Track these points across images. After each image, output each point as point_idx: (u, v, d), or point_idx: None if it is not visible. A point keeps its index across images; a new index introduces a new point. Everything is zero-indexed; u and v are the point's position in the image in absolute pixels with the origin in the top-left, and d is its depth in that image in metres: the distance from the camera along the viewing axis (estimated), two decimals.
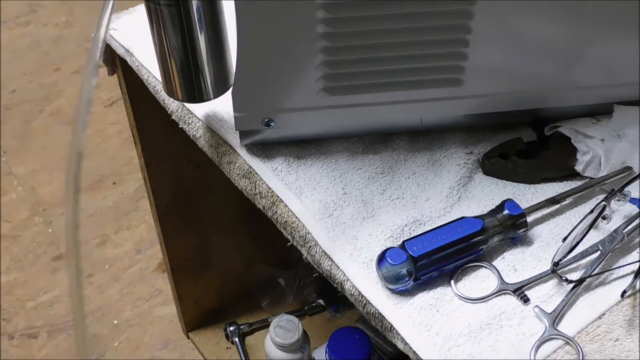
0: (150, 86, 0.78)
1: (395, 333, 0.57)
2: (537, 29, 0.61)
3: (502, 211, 0.61)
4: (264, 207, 0.67)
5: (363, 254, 0.61)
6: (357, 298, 0.60)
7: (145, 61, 0.78)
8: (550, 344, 0.56)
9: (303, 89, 0.63)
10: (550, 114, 0.70)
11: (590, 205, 0.63)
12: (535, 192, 0.67)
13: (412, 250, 0.58)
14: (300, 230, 0.64)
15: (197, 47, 0.60)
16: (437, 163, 0.69)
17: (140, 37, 0.79)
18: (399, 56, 0.61)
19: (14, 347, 1.34)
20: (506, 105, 0.67)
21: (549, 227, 0.64)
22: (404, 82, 0.63)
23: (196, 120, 0.73)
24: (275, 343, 1.08)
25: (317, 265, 0.63)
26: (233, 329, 1.27)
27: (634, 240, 0.62)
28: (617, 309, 0.58)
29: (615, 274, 0.60)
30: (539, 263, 0.61)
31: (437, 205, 0.65)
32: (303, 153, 0.69)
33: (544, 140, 0.69)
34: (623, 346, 0.55)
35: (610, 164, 0.65)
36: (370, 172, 0.68)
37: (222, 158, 0.71)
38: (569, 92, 0.67)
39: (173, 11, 0.57)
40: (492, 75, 0.64)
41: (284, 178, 0.67)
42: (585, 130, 0.67)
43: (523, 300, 0.58)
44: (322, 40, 0.59)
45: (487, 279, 0.60)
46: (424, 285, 0.59)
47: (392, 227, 0.63)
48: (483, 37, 0.60)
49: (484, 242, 0.60)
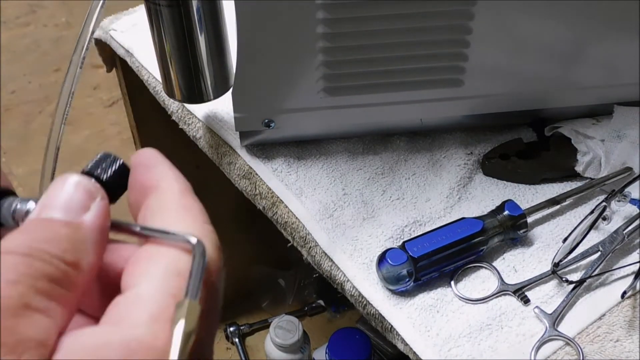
0: (150, 87, 0.77)
1: (396, 334, 0.57)
2: (537, 29, 0.61)
3: (503, 212, 0.61)
4: (264, 207, 0.67)
5: (363, 255, 0.61)
6: (357, 299, 0.60)
7: (145, 62, 0.78)
8: (551, 344, 0.56)
9: (303, 90, 0.63)
10: (550, 115, 0.70)
11: (591, 206, 0.63)
12: (536, 192, 0.67)
13: (413, 251, 0.58)
14: (301, 231, 0.64)
15: (197, 48, 0.60)
16: (437, 164, 0.69)
17: (140, 37, 0.79)
18: (399, 57, 0.61)
19: None
20: (506, 106, 0.67)
21: (549, 228, 0.64)
22: (404, 83, 0.63)
23: (196, 120, 0.73)
24: (276, 343, 1.08)
25: (317, 265, 0.63)
26: (233, 329, 1.27)
27: (634, 241, 0.62)
28: (617, 310, 0.58)
29: (615, 275, 0.60)
30: (539, 264, 0.61)
31: (438, 206, 0.65)
32: (303, 154, 0.69)
33: (544, 141, 0.69)
34: (623, 347, 0.55)
35: (610, 165, 0.65)
36: (370, 173, 0.68)
37: (222, 159, 0.70)
38: (569, 93, 0.67)
39: (173, 12, 0.57)
40: (492, 75, 0.64)
41: (284, 179, 0.67)
42: (586, 130, 0.67)
43: (523, 301, 0.58)
44: (322, 41, 0.59)
45: (487, 280, 0.60)
46: (424, 286, 0.59)
47: (392, 227, 0.63)
48: (483, 38, 0.60)
49: (484, 242, 0.60)
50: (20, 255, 0.25)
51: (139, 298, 0.25)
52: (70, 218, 0.27)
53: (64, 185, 0.28)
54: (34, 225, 0.27)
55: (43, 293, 0.24)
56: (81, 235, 0.27)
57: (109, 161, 0.30)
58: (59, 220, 0.27)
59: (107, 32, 0.82)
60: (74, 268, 0.26)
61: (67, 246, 0.26)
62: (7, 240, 0.26)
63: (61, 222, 0.27)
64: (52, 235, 0.26)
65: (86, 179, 0.29)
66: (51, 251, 0.25)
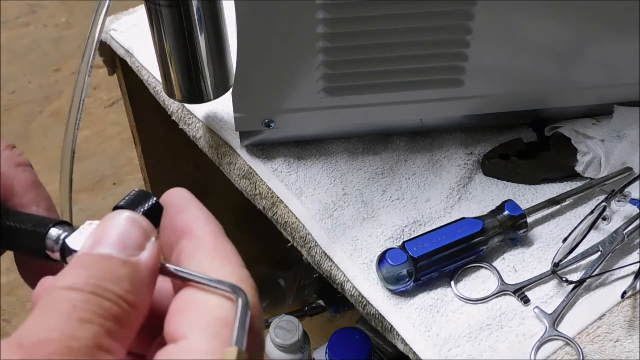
0: (150, 87, 0.77)
1: (396, 334, 0.57)
2: (537, 29, 0.61)
3: (502, 212, 0.61)
4: (264, 207, 0.67)
5: (363, 255, 0.61)
6: (357, 299, 0.60)
7: (145, 61, 0.78)
8: (551, 344, 0.56)
9: (303, 90, 0.63)
10: (550, 115, 0.69)
11: (591, 206, 0.63)
12: (536, 192, 0.66)
13: (412, 251, 0.58)
14: (301, 231, 0.64)
15: (197, 48, 0.60)
16: (437, 164, 0.69)
17: (140, 37, 0.79)
18: (399, 57, 0.61)
19: None
20: (506, 106, 0.67)
21: (549, 228, 0.64)
22: (404, 83, 0.63)
23: (196, 120, 0.73)
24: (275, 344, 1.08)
25: (317, 265, 0.63)
26: None
27: (634, 241, 0.62)
28: (617, 310, 0.58)
29: (615, 275, 0.60)
30: (539, 264, 0.61)
31: (437, 206, 0.65)
32: (303, 154, 0.69)
33: (544, 141, 0.69)
34: (623, 347, 0.55)
35: (610, 165, 0.65)
36: (370, 173, 0.68)
37: (222, 159, 0.70)
38: (569, 93, 0.67)
39: (173, 12, 0.57)
40: (492, 75, 0.64)
41: (284, 179, 0.67)
42: (586, 130, 0.67)
43: (523, 300, 0.58)
44: (322, 41, 0.59)
45: (487, 280, 0.60)
46: (424, 286, 0.59)
47: (392, 227, 0.63)
48: (483, 38, 0.60)
49: (484, 242, 0.60)
50: (87, 293, 0.25)
51: (191, 351, 0.25)
52: (127, 256, 0.27)
53: (118, 220, 0.28)
54: (93, 262, 0.26)
55: (111, 333, 0.25)
56: (139, 275, 0.27)
57: (143, 198, 0.31)
58: (117, 258, 0.27)
59: (107, 32, 0.82)
60: (133, 308, 0.26)
61: (128, 287, 0.26)
62: (65, 276, 0.26)
63: (120, 260, 0.27)
64: (113, 274, 0.26)
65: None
66: (117, 291, 0.25)
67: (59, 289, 0.25)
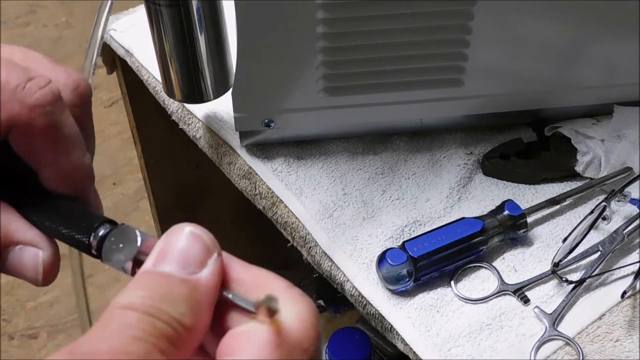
0: (150, 86, 0.78)
1: (396, 334, 0.57)
2: (537, 29, 0.61)
3: (502, 212, 0.61)
4: (264, 207, 0.67)
5: (363, 255, 0.61)
6: (357, 299, 0.60)
7: (145, 61, 0.78)
8: (551, 344, 0.56)
9: (303, 90, 0.63)
10: (550, 115, 0.70)
11: (591, 206, 0.63)
12: (536, 192, 0.67)
13: (412, 250, 0.58)
14: (300, 231, 0.64)
15: (197, 48, 0.60)
16: (437, 164, 0.69)
17: (140, 37, 0.79)
18: (399, 56, 0.61)
19: (14, 347, 1.35)
20: (506, 106, 0.67)
21: (549, 228, 0.64)
22: (404, 83, 0.63)
23: (196, 120, 0.73)
24: None
25: (317, 265, 0.63)
26: None
27: (634, 241, 0.62)
28: (617, 310, 0.58)
29: (615, 275, 0.60)
30: (539, 264, 0.61)
31: (437, 206, 0.65)
32: (303, 154, 0.69)
33: (544, 141, 0.69)
34: (623, 347, 0.55)
35: (610, 165, 0.65)
36: (370, 173, 0.68)
37: (222, 159, 0.70)
38: (569, 93, 0.67)
39: (173, 12, 0.57)
40: (492, 75, 0.64)
41: (284, 179, 0.67)
42: (586, 130, 0.67)
43: (523, 300, 0.58)
44: (322, 41, 0.59)
45: (487, 280, 0.60)
46: (424, 286, 0.59)
47: (392, 227, 0.63)
48: (483, 38, 0.60)
49: (484, 242, 0.60)
50: (142, 314, 0.26)
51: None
52: (187, 273, 0.27)
53: (180, 235, 0.28)
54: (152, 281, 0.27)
55: (163, 352, 0.25)
56: (198, 296, 0.27)
57: None
58: (177, 278, 0.27)
59: (107, 32, 0.82)
60: (188, 330, 0.26)
61: (183, 309, 0.26)
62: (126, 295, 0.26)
63: (178, 279, 0.27)
64: (170, 294, 0.27)
65: (204, 230, 0.29)
66: (171, 313, 0.26)
67: (117, 308, 0.26)
